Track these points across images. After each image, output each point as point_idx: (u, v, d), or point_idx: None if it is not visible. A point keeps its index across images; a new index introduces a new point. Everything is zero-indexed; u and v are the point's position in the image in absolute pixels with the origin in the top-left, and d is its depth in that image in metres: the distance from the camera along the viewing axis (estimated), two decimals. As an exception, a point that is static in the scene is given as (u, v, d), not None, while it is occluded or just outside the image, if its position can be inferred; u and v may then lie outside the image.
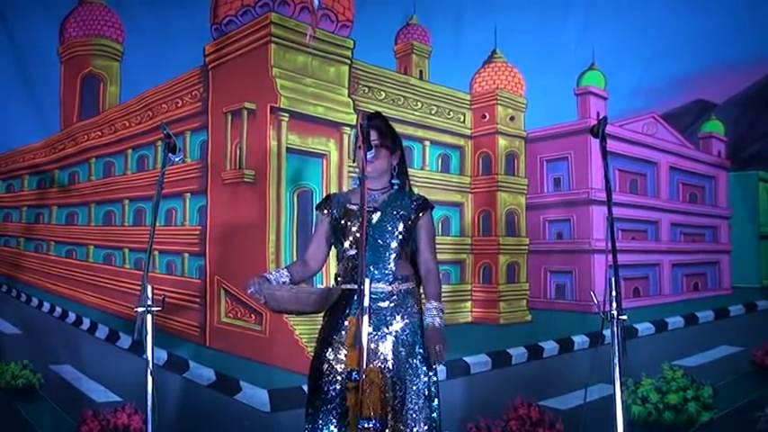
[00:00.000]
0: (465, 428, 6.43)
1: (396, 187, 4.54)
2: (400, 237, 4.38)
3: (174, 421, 6.11)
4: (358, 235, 4.27)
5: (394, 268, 4.35)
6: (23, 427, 6.60)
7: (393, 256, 4.36)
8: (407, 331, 4.33)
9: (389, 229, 4.36)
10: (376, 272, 4.28)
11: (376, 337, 4.27)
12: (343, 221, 4.42)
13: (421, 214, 4.45)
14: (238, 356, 6.40)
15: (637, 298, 7.14)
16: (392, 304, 4.31)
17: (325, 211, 4.52)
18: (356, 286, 4.10)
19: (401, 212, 4.40)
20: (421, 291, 4.49)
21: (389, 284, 4.31)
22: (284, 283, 4.31)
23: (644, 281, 7.23)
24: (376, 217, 4.35)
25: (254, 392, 6.33)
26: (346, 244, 4.40)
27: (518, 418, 6.45)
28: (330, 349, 4.35)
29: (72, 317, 7.08)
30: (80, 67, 6.95)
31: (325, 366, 4.33)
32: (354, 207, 4.42)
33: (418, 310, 4.41)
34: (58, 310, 7.09)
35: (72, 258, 7.25)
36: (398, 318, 4.32)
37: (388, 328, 4.30)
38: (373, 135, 4.33)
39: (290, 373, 6.26)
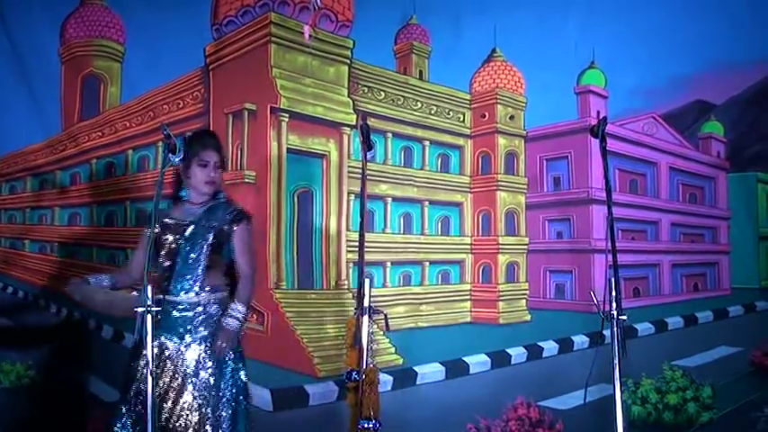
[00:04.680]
0: (464, 428, 6.44)
1: (221, 199, 4.71)
2: (210, 248, 4.53)
3: (175, 421, 6.11)
4: (173, 246, 4.51)
5: (203, 279, 4.51)
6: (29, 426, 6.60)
7: (202, 267, 4.51)
8: (209, 338, 4.51)
9: (200, 241, 4.52)
10: (185, 283, 4.45)
11: (182, 345, 4.47)
12: (163, 236, 4.54)
13: (235, 226, 4.61)
14: (239, 356, 6.41)
15: (636, 298, 7.16)
16: (200, 315, 4.48)
17: (148, 226, 4.57)
18: (167, 296, 4.42)
19: (213, 224, 4.56)
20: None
21: (197, 295, 4.48)
22: (105, 285, 4.48)
23: (644, 281, 7.25)
24: (189, 230, 4.50)
25: (256, 392, 6.31)
26: (166, 257, 4.54)
27: (518, 419, 6.46)
28: (139, 363, 4.46)
29: (77, 317, 7.07)
30: (81, 68, 6.93)
31: (131, 368, 4.50)
32: (170, 221, 4.58)
33: (220, 316, 4.57)
34: (64, 310, 7.08)
35: (74, 259, 7.24)
36: (204, 326, 4.49)
37: (192, 336, 4.47)
38: (214, 155, 4.60)
39: (292, 373, 6.28)
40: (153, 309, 3.83)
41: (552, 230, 7.28)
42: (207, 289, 4.51)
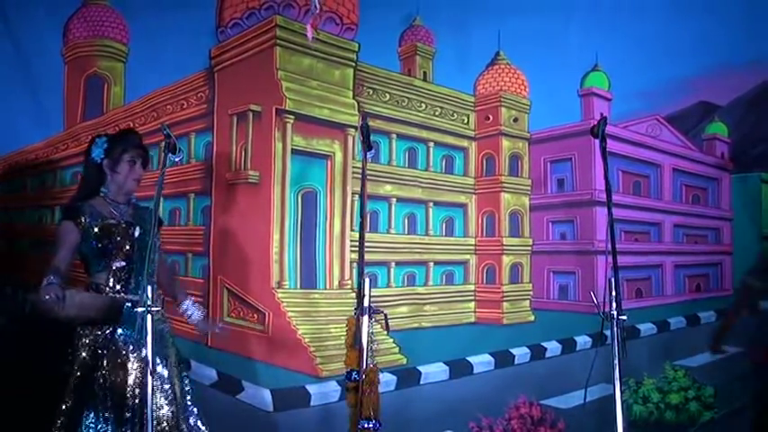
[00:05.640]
0: (467, 427, 6.46)
1: (134, 200, 4.78)
2: (157, 249, 4.62)
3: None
4: (128, 248, 4.57)
5: (156, 279, 4.53)
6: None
7: (155, 266, 4.53)
8: (165, 334, 4.68)
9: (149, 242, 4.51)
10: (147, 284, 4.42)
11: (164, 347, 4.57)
12: (109, 236, 4.56)
13: (159, 230, 4.68)
14: (241, 356, 6.42)
15: (639, 299, 7.17)
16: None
17: (79, 223, 4.58)
18: (130, 297, 4.45)
19: (156, 230, 4.52)
20: None
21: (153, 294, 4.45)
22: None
23: (646, 282, 7.26)
24: (137, 232, 4.56)
25: (257, 392, 6.33)
26: (118, 257, 4.57)
27: (519, 417, 6.48)
28: (105, 360, 4.48)
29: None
30: (84, 68, 6.92)
31: (99, 375, 4.48)
32: (113, 221, 4.60)
33: (165, 315, 4.74)
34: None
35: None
36: (155, 323, 4.48)
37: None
38: (142, 154, 4.67)
39: (293, 373, 6.29)
40: (153, 309, 3.85)
41: (556, 232, 7.30)
42: (157, 289, 4.57)
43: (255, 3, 6.60)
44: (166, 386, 4.54)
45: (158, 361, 4.50)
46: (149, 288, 3.83)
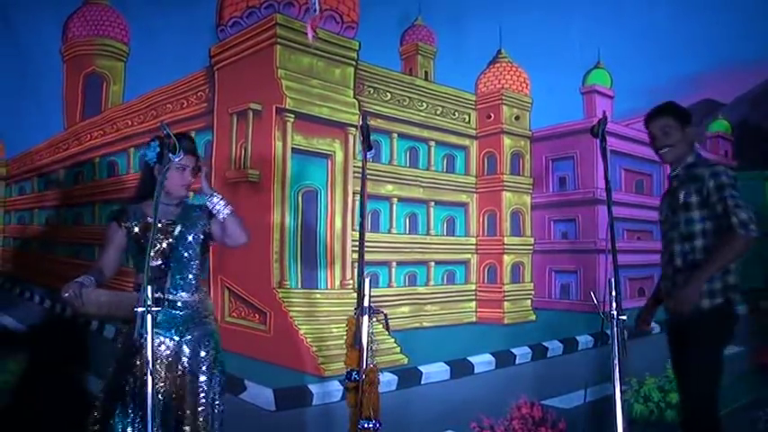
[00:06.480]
0: (469, 427, 6.44)
1: (188, 201, 4.70)
2: (200, 246, 4.57)
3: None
4: (164, 246, 4.49)
5: (195, 278, 4.53)
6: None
7: (195, 265, 4.54)
8: (203, 336, 4.51)
9: (190, 240, 4.53)
10: (180, 281, 4.45)
11: (183, 344, 4.45)
12: (146, 234, 4.45)
13: (211, 218, 4.59)
14: (243, 356, 6.41)
15: (642, 298, 7.14)
16: (191, 312, 4.49)
17: (122, 224, 4.56)
18: (161, 296, 4.31)
19: (198, 222, 4.57)
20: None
21: (192, 294, 4.49)
22: (91, 284, 4.36)
23: (649, 281, 7.23)
24: (177, 230, 4.49)
25: (259, 391, 6.32)
26: (151, 255, 4.48)
27: (521, 417, 6.47)
28: (138, 360, 4.38)
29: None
30: (83, 66, 6.91)
31: (129, 375, 4.41)
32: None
33: (210, 316, 4.63)
34: (69, 310, 7.07)
35: (80, 259, 7.23)
36: (194, 325, 4.48)
37: (191, 335, 4.47)
38: (192, 160, 4.55)
39: (295, 372, 6.28)
40: (153, 309, 3.83)
41: (557, 230, 7.29)
42: (199, 288, 4.55)
43: (256, 1, 6.60)
44: (201, 395, 4.50)
45: (204, 371, 4.50)
46: (149, 288, 3.80)
